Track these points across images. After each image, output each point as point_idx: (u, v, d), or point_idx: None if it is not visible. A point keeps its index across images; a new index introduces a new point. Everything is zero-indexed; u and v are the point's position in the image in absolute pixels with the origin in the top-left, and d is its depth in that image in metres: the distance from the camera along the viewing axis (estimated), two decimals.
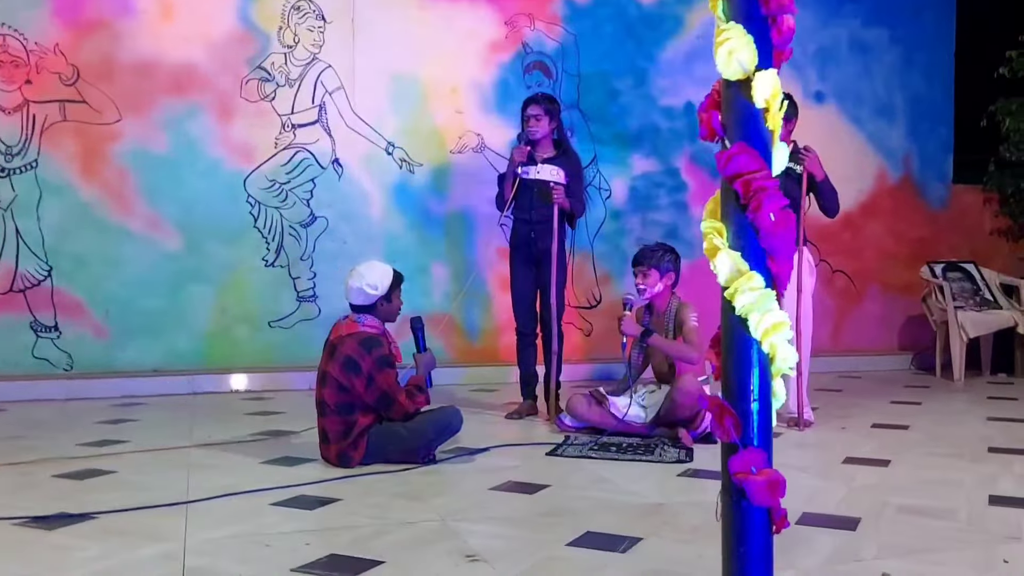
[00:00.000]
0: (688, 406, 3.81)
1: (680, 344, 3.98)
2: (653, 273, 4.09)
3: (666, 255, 4.13)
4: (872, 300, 7.37)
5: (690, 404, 3.80)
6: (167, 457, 3.61)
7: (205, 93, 5.85)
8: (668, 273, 4.11)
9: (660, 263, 4.09)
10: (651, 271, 4.09)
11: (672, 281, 4.14)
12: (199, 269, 5.82)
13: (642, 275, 4.12)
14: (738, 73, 1.53)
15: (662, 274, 4.10)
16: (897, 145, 7.51)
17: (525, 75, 6.52)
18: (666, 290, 4.12)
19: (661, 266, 4.09)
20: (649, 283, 4.09)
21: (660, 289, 4.10)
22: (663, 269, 4.10)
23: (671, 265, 4.12)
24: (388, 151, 6.23)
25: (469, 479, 3.22)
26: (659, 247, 4.18)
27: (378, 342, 3.35)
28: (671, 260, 4.13)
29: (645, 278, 4.10)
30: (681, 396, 3.80)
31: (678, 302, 4.13)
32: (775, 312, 1.53)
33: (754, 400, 1.56)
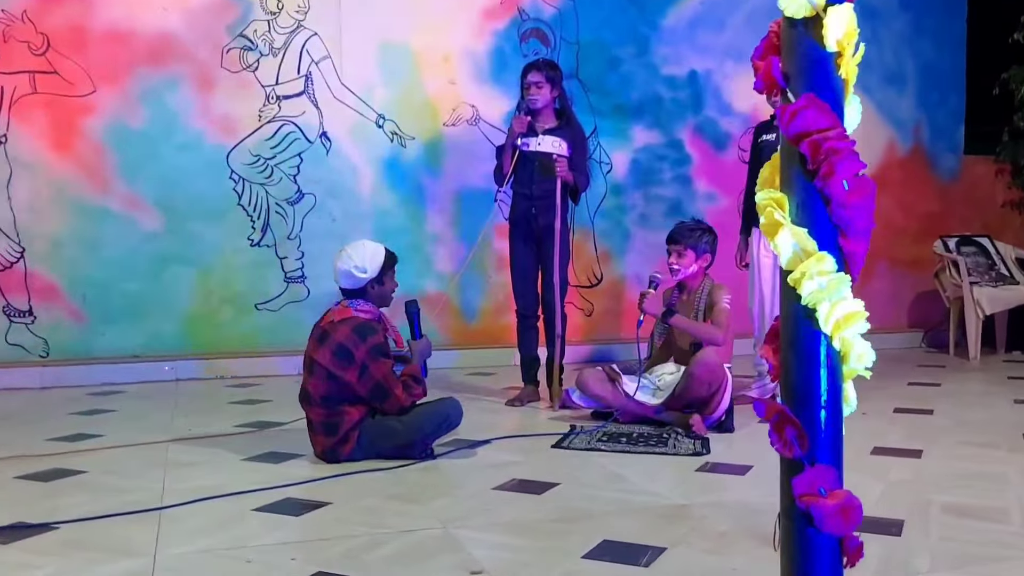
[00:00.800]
0: (707, 382, 3.57)
1: (706, 325, 3.76)
2: (689, 253, 3.86)
3: (704, 235, 3.91)
4: (880, 277, 7.11)
5: (708, 380, 3.57)
6: (143, 454, 3.35)
7: (184, 63, 5.53)
8: (704, 255, 3.90)
9: (698, 243, 3.88)
10: (687, 251, 3.86)
11: (707, 263, 3.93)
12: (181, 250, 5.53)
13: (676, 254, 3.88)
14: (804, 9, 1.26)
15: (698, 255, 3.88)
16: (907, 115, 7.23)
17: (521, 43, 6.21)
18: (699, 272, 3.90)
19: (699, 247, 3.87)
20: (684, 263, 3.87)
21: (694, 271, 3.89)
22: (700, 250, 3.88)
23: (708, 247, 3.91)
24: (378, 124, 5.92)
25: (470, 477, 2.96)
26: (697, 226, 3.96)
27: (372, 329, 3.08)
28: (708, 241, 3.91)
29: (680, 258, 3.87)
30: (700, 369, 3.56)
31: (711, 283, 3.91)
32: (849, 301, 1.27)
33: (822, 407, 1.30)
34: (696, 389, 3.59)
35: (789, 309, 1.30)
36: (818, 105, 1.24)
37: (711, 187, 6.65)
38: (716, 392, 3.61)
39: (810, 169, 1.26)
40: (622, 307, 6.41)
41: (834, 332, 1.27)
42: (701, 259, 3.88)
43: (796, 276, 1.26)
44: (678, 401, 3.72)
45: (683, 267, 3.86)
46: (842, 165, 1.24)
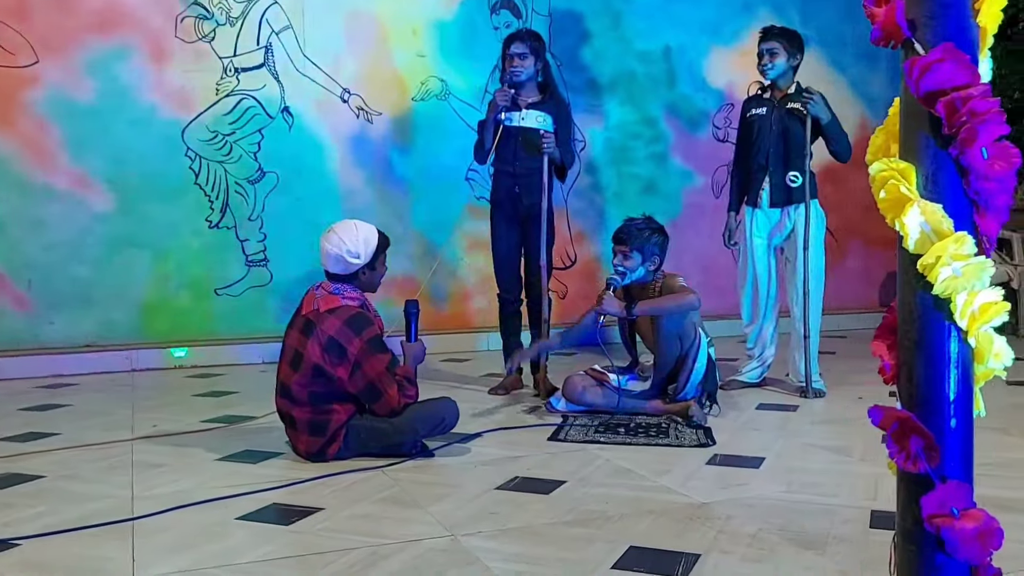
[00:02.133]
0: (676, 335, 3.49)
1: (672, 296, 3.51)
2: (635, 256, 3.58)
3: (653, 236, 3.60)
4: (854, 256, 7.06)
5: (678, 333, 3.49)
6: (105, 455, 3.07)
7: (135, 32, 5.17)
8: (652, 258, 3.60)
9: (645, 244, 3.58)
10: (633, 253, 3.58)
11: (655, 267, 3.63)
12: (135, 232, 5.20)
13: (623, 255, 3.60)
14: None
15: (645, 258, 3.59)
16: (879, 92, 7.14)
17: (492, 15, 5.96)
18: (647, 276, 3.63)
19: (646, 248, 3.58)
20: (629, 266, 3.58)
21: (641, 274, 3.61)
22: (647, 252, 3.58)
23: (657, 249, 3.61)
24: (343, 98, 5.63)
25: (470, 476, 2.75)
26: (647, 225, 3.63)
27: (367, 321, 2.84)
28: (658, 243, 3.61)
29: (625, 259, 3.59)
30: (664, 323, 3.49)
31: (662, 276, 3.66)
32: (988, 291, 1.08)
33: (952, 415, 1.11)
34: (668, 348, 3.45)
35: (914, 299, 1.11)
36: (956, 57, 1.04)
37: (687, 165, 6.50)
38: (690, 348, 3.46)
39: (945, 134, 1.06)
40: (596, 289, 6.19)
41: (970, 326, 1.08)
42: (648, 262, 3.60)
43: (929, 260, 1.07)
44: (660, 372, 3.56)
45: (629, 269, 3.59)
46: (984, 130, 1.04)
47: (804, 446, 3.09)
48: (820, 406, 3.83)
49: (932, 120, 1.07)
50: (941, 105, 1.05)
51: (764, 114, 4.13)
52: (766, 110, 4.13)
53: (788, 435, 3.27)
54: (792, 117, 4.05)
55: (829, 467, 2.80)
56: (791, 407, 3.78)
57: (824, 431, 3.37)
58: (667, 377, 3.60)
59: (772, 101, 4.12)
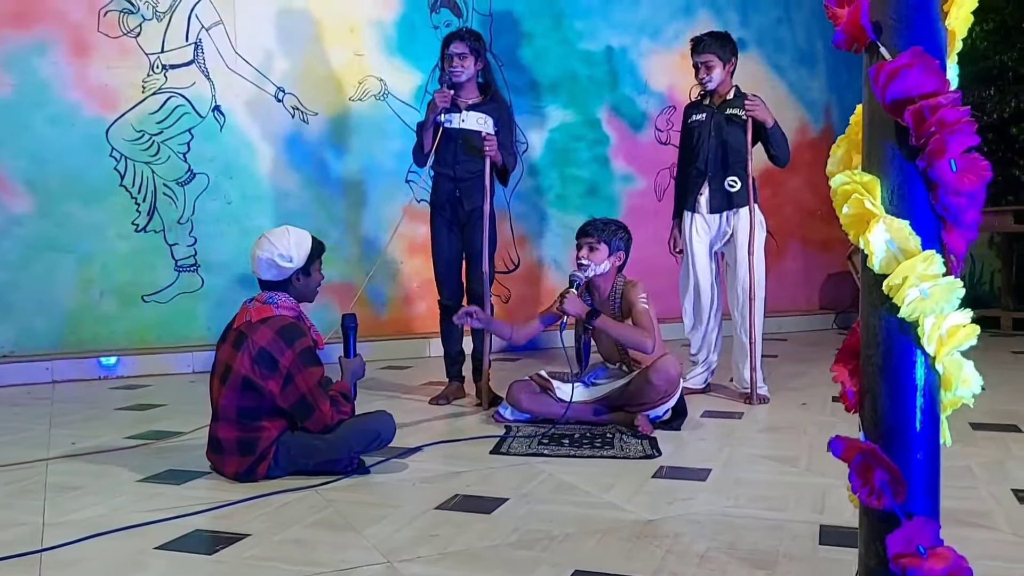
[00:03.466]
0: (664, 392, 3.34)
1: (633, 329, 3.41)
2: (603, 248, 3.51)
3: (620, 231, 3.57)
4: (793, 258, 7.11)
5: (666, 389, 3.34)
6: (18, 475, 2.87)
7: (55, 25, 4.93)
8: (618, 252, 3.56)
9: (612, 238, 3.53)
10: (601, 245, 3.51)
11: (621, 262, 3.59)
12: (56, 236, 4.95)
13: (588, 247, 3.52)
14: None
15: (612, 251, 3.53)
16: (818, 96, 7.22)
17: (432, 13, 5.84)
18: (612, 271, 3.57)
19: (612, 242, 3.53)
20: (595, 258, 3.50)
21: (606, 269, 3.54)
22: (614, 246, 3.54)
23: (622, 244, 3.57)
24: (278, 97, 5.46)
25: (407, 494, 2.63)
26: (612, 222, 3.61)
27: (299, 331, 2.69)
28: (623, 239, 3.58)
29: (591, 252, 3.51)
30: (660, 379, 3.31)
31: (624, 281, 3.60)
32: (957, 313, 1.01)
33: (918, 447, 1.04)
34: (650, 395, 3.35)
35: (878, 322, 1.03)
36: (925, 63, 0.97)
37: (629, 168, 6.46)
38: (666, 397, 3.39)
39: (912, 145, 0.99)
40: (540, 293, 6.16)
41: (938, 351, 1.01)
42: (615, 256, 3.54)
43: (895, 281, 0.99)
44: (621, 400, 3.48)
45: (594, 262, 3.50)
46: (954, 140, 0.97)
47: (750, 456, 3.04)
48: (765, 413, 3.80)
49: (899, 130, 1.00)
50: (909, 114, 0.98)
51: (704, 120, 4.10)
52: (705, 116, 4.10)
53: (734, 444, 3.22)
54: (731, 122, 4.02)
55: (776, 479, 2.75)
56: (736, 414, 3.74)
57: (769, 440, 3.33)
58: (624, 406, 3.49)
59: (712, 107, 4.10)
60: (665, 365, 3.34)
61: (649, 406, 3.38)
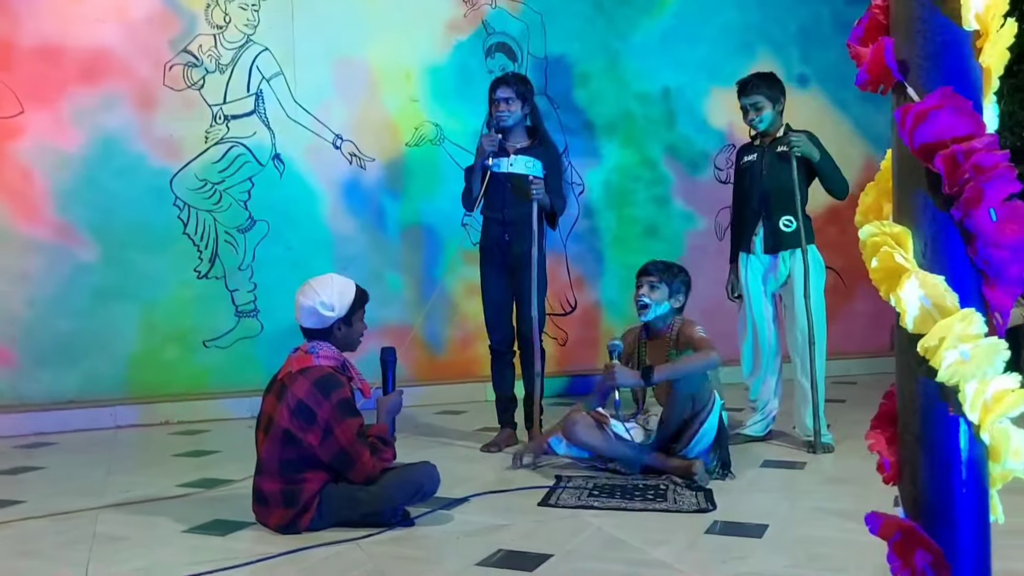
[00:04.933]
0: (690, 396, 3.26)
1: (690, 357, 3.34)
2: (663, 288, 3.49)
3: (680, 275, 3.55)
4: (862, 298, 6.85)
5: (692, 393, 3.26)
6: (68, 525, 2.90)
7: (122, 81, 5.09)
8: (678, 295, 3.53)
9: (673, 280, 3.51)
10: (661, 285, 3.49)
11: (680, 306, 3.56)
12: (121, 283, 5.07)
13: (649, 286, 3.49)
14: None
15: (672, 293, 3.50)
16: (883, 130, 6.97)
17: (487, 58, 5.87)
18: (669, 314, 3.53)
19: (673, 284, 3.50)
20: (655, 297, 3.48)
21: (663, 312, 3.50)
22: (675, 288, 3.51)
23: (683, 287, 3.54)
24: (336, 144, 5.53)
25: (450, 549, 2.57)
26: (673, 265, 3.60)
27: (337, 382, 2.67)
28: (684, 282, 3.55)
29: (652, 291, 3.48)
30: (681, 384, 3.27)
31: (681, 321, 3.53)
32: (1003, 378, 0.91)
33: (962, 524, 0.94)
34: (680, 407, 3.24)
35: (914, 386, 0.94)
36: (956, 104, 0.89)
37: (688, 207, 6.36)
38: (701, 411, 3.26)
39: (946, 193, 0.90)
40: (598, 335, 6.06)
41: (983, 419, 0.91)
42: (674, 299, 3.51)
43: (931, 342, 0.90)
44: (665, 429, 3.35)
45: (654, 301, 3.46)
46: (992, 188, 0.88)
47: (811, 510, 2.89)
48: (828, 463, 3.63)
49: (930, 177, 0.92)
50: (940, 159, 0.89)
51: (755, 160, 4.02)
52: (756, 156, 4.02)
53: (794, 497, 3.08)
54: (782, 161, 3.92)
55: (838, 535, 2.61)
56: (798, 464, 3.58)
57: (833, 492, 3.17)
58: (671, 436, 3.39)
59: (762, 147, 4.01)
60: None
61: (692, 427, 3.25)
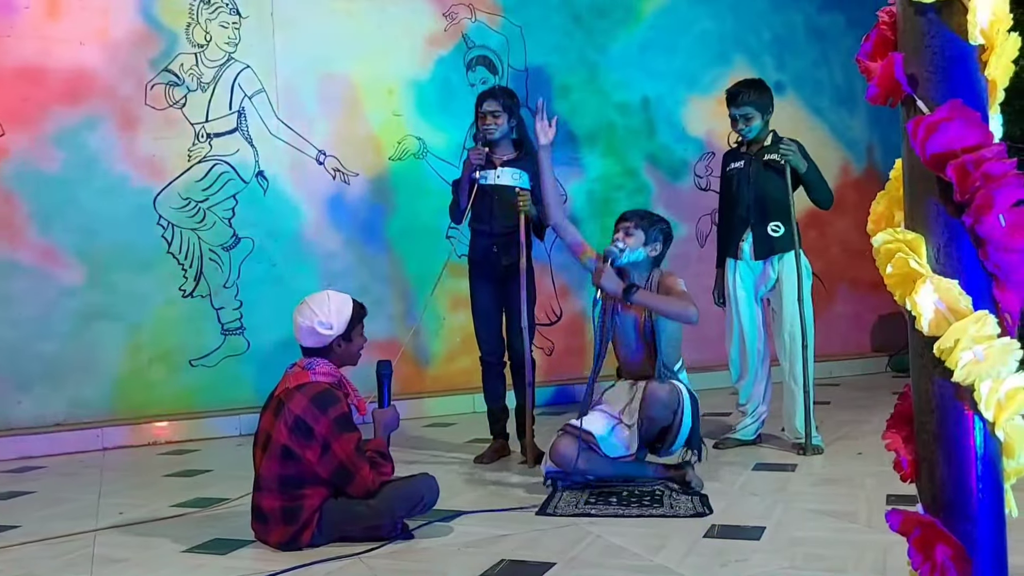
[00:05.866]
0: (661, 400, 3.22)
1: (672, 298, 3.26)
2: (639, 233, 3.37)
3: (660, 223, 3.45)
4: (842, 300, 6.96)
5: (662, 399, 3.21)
6: (66, 548, 2.88)
7: (104, 101, 5.07)
8: (655, 243, 3.42)
9: (650, 228, 3.40)
10: (637, 230, 3.38)
11: (657, 253, 3.43)
12: (105, 304, 5.03)
13: (625, 231, 3.39)
14: None
15: (648, 240, 3.39)
16: (859, 136, 7.14)
17: (468, 72, 5.91)
18: (644, 263, 3.42)
19: (650, 232, 3.40)
20: (630, 243, 3.36)
21: (640, 257, 3.38)
22: (651, 236, 3.40)
23: (660, 235, 3.43)
24: (319, 160, 5.54)
25: (452, 561, 2.58)
26: (653, 214, 3.51)
27: (334, 398, 2.68)
28: (663, 230, 3.45)
29: (627, 236, 3.37)
30: (653, 386, 3.24)
31: (659, 273, 3.43)
32: (1016, 376, 0.94)
33: (979, 519, 0.97)
34: (656, 410, 3.21)
35: (931, 387, 0.98)
36: (965, 115, 0.93)
37: (669, 215, 6.36)
38: (677, 411, 3.26)
39: (957, 201, 0.94)
40: (584, 345, 6.09)
41: (997, 417, 0.95)
42: (650, 246, 3.40)
43: (947, 344, 0.94)
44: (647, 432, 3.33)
45: (629, 247, 3.35)
46: (1001, 194, 0.92)
47: (806, 512, 2.93)
48: (819, 464, 3.68)
49: (941, 185, 0.95)
50: (951, 169, 0.93)
51: (742, 167, 4.07)
52: (744, 163, 4.07)
53: (788, 499, 3.12)
54: (770, 169, 3.98)
55: (834, 536, 2.64)
56: (789, 466, 3.63)
57: (825, 493, 3.21)
58: (654, 438, 3.40)
59: (749, 154, 4.06)
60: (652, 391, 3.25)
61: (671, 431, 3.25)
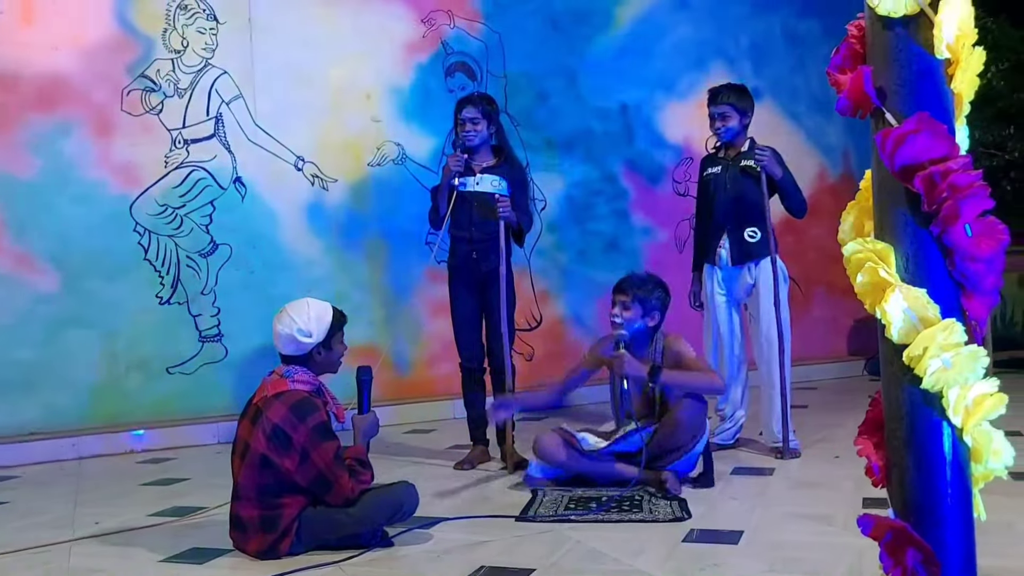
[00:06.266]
0: (691, 429, 3.28)
1: (696, 374, 3.37)
2: (636, 307, 3.42)
3: (656, 290, 3.48)
4: (818, 305, 7.02)
5: (693, 426, 3.28)
6: (42, 559, 2.85)
7: (79, 107, 5.03)
8: (652, 313, 3.46)
9: (647, 297, 3.44)
10: (634, 305, 3.43)
11: (655, 323, 3.49)
12: (80, 312, 4.98)
13: (622, 305, 3.44)
14: (904, 5, 0.96)
15: (645, 311, 3.44)
16: (835, 141, 7.21)
17: (447, 78, 5.92)
18: (645, 332, 3.48)
19: (647, 302, 3.44)
20: (628, 317, 3.42)
21: (636, 328, 3.44)
22: (648, 306, 3.44)
23: (658, 304, 3.47)
24: (297, 166, 5.52)
25: (433, 567, 2.58)
26: (650, 279, 3.53)
27: (312, 406, 2.67)
28: (660, 298, 3.48)
29: (624, 310, 3.43)
30: (687, 414, 3.28)
31: (664, 338, 3.51)
32: (984, 383, 0.96)
33: (949, 523, 0.99)
34: (681, 436, 3.28)
35: (900, 393, 1.00)
36: (932, 128, 0.95)
37: (648, 221, 6.46)
38: (696, 436, 3.32)
39: (925, 211, 0.96)
40: (563, 350, 6.10)
41: (965, 423, 0.96)
42: (648, 317, 3.45)
43: (915, 352, 0.96)
44: (656, 449, 3.38)
45: (627, 321, 3.41)
46: (967, 205, 0.94)
47: (783, 515, 2.96)
48: (797, 468, 3.71)
49: (910, 196, 0.97)
50: (919, 180, 0.95)
51: (719, 173, 4.10)
52: (721, 169, 4.10)
53: (766, 503, 3.14)
54: (746, 175, 4.01)
55: (810, 539, 2.67)
56: (767, 470, 3.66)
57: (803, 497, 3.25)
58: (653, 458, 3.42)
59: (726, 160, 4.10)
60: (690, 403, 3.29)
61: (682, 451, 3.30)
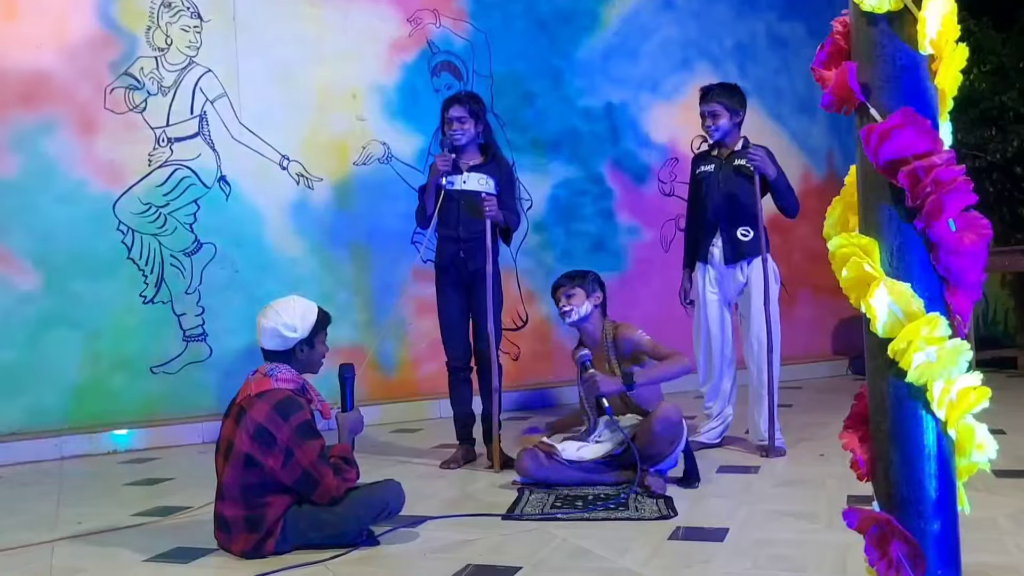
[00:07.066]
0: (669, 439, 3.29)
1: (664, 364, 3.42)
2: (579, 291, 3.57)
3: (587, 273, 3.66)
4: (803, 304, 7.07)
5: (671, 436, 3.29)
6: (24, 559, 2.82)
7: (61, 105, 5.00)
8: (595, 293, 3.60)
9: (583, 280, 3.60)
10: (576, 289, 3.57)
11: (600, 301, 3.62)
12: (63, 311, 4.95)
13: (566, 296, 3.58)
14: (887, 1, 0.97)
15: (588, 293, 3.58)
16: (819, 142, 7.27)
17: (433, 77, 5.92)
18: (595, 313, 3.59)
19: (586, 284, 3.59)
20: (575, 303, 3.56)
21: (588, 311, 3.56)
22: (588, 287, 3.59)
23: (595, 281, 3.63)
24: (282, 165, 5.50)
25: (419, 568, 2.57)
26: (577, 271, 3.71)
27: (296, 405, 2.66)
28: (593, 278, 3.65)
29: (570, 299, 3.57)
30: (661, 426, 3.27)
31: (611, 326, 3.59)
32: (968, 376, 0.97)
33: (935, 517, 1.00)
34: (659, 446, 3.31)
35: (885, 387, 1.00)
36: (916, 123, 0.95)
37: (633, 220, 6.47)
38: (674, 443, 3.34)
39: (909, 206, 0.97)
40: (549, 349, 6.12)
41: (949, 416, 0.97)
42: (592, 297, 3.58)
43: (900, 345, 0.96)
44: (630, 455, 3.41)
45: (575, 306, 3.54)
46: (951, 200, 0.95)
47: (769, 513, 2.97)
48: (782, 466, 3.72)
49: (894, 191, 0.98)
50: (903, 175, 0.96)
51: (712, 171, 4.10)
52: (713, 167, 4.11)
53: (752, 501, 3.15)
54: (739, 174, 4.02)
55: (796, 537, 2.68)
56: (752, 468, 3.67)
57: (788, 494, 3.26)
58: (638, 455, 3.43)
59: (719, 159, 4.10)
60: (665, 411, 3.31)
61: (660, 458, 3.32)
